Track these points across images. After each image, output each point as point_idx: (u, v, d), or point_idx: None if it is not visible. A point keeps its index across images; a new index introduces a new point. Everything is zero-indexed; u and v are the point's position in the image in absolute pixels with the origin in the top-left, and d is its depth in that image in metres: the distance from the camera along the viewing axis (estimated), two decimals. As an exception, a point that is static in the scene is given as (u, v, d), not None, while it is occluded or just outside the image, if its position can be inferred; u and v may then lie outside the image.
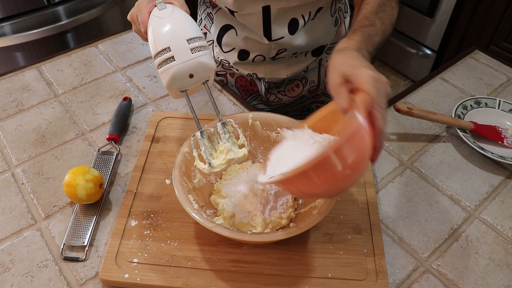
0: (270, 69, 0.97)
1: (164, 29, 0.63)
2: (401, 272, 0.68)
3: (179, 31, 0.62)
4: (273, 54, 0.93)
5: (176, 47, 0.61)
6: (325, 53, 1.01)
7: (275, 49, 0.92)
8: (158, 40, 0.62)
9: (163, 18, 0.64)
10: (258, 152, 0.80)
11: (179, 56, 0.61)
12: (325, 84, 1.06)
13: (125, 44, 1.12)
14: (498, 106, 0.94)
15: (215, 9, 0.92)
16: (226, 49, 0.96)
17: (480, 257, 0.70)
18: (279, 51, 0.93)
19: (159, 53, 0.62)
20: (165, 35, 0.62)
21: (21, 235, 0.71)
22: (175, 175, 0.67)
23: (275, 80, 1.00)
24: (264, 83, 1.01)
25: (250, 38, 0.90)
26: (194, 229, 0.70)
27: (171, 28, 0.63)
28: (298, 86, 1.03)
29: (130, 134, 0.89)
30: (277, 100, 1.05)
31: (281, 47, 0.91)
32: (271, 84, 1.01)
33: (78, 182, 0.70)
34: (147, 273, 0.64)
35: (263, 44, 0.91)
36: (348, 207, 0.74)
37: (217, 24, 0.94)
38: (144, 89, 0.99)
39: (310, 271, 0.66)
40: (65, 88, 0.99)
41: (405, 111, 0.88)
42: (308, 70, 1.01)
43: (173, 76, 0.62)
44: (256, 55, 0.94)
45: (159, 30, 0.63)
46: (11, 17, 1.56)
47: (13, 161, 0.83)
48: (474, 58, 1.12)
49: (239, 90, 1.06)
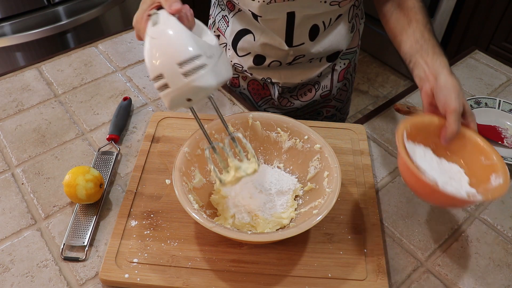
0: (285, 74, 0.97)
1: (156, 54, 0.58)
2: (401, 272, 0.68)
3: (170, 54, 0.57)
4: (290, 60, 0.93)
5: (168, 74, 0.57)
6: (340, 58, 1.00)
7: (292, 55, 0.91)
8: (151, 66, 0.58)
9: (155, 39, 0.58)
10: (258, 152, 0.80)
11: (172, 82, 0.57)
12: (337, 89, 1.06)
13: (125, 44, 1.12)
14: (498, 106, 0.94)
15: (232, 13, 0.91)
16: (242, 54, 0.95)
17: (480, 257, 0.70)
18: (297, 57, 0.92)
19: (154, 79, 0.58)
20: (157, 61, 0.58)
21: (21, 235, 0.71)
22: (175, 175, 0.67)
23: (289, 85, 0.99)
24: (278, 87, 1.00)
25: (269, 44, 0.89)
26: (194, 229, 0.70)
27: (162, 52, 0.58)
28: (310, 91, 1.02)
29: (130, 134, 0.89)
30: (289, 105, 1.04)
31: (299, 53, 0.91)
32: (284, 88, 1.01)
33: (78, 182, 0.70)
34: (147, 273, 0.64)
35: (281, 50, 0.90)
36: (348, 207, 0.74)
37: (234, 27, 0.92)
38: (144, 89, 0.99)
39: (310, 271, 0.66)
40: (65, 88, 0.99)
41: (405, 111, 0.88)
42: (322, 75, 1.00)
43: (171, 102, 0.59)
44: (272, 60, 0.93)
45: (151, 54, 0.58)
46: (11, 17, 1.56)
47: (13, 161, 0.83)
48: (474, 58, 1.12)
49: (251, 93, 1.05)
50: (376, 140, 0.89)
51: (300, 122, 0.76)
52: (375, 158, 0.85)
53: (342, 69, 1.02)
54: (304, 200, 0.73)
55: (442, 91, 0.68)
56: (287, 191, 0.72)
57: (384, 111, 0.96)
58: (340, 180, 0.66)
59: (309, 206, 0.69)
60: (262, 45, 0.91)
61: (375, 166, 0.84)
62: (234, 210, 0.69)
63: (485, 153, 0.67)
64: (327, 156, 0.71)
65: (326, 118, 1.12)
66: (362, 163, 0.81)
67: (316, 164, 0.73)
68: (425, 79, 0.72)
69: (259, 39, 0.90)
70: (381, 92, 2.51)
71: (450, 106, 0.66)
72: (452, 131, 0.66)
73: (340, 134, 0.87)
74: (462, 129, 0.68)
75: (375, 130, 0.91)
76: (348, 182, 0.78)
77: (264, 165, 0.78)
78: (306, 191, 0.73)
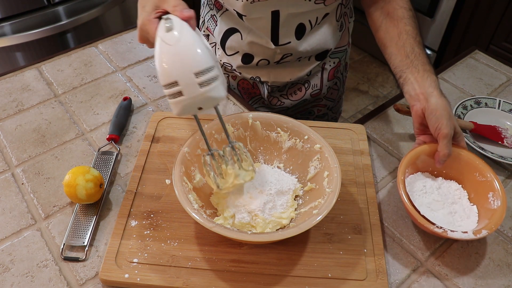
0: (274, 73, 0.97)
1: (171, 60, 0.58)
2: (401, 272, 0.68)
3: (187, 63, 0.57)
4: (277, 59, 0.93)
5: (184, 82, 0.57)
6: (329, 57, 1.01)
7: (280, 53, 0.92)
8: (165, 72, 0.58)
9: (170, 45, 0.58)
10: (258, 152, 0.80)
11: (187, 91, 0.58)
12: (327, 88, 1.06)
13: (125, 44, 1.12)
14: (498, 106, 0.94)
15: (220, 12, 0.92)
16: (230, 53, 0.96)
17: (480, 257, 0.70)
18: (284, 56, 0.92)
19: (167, 85, 0.58)
20: (173, 68, 0.58)
21: (21, 235, 0.71)
22: (175, 175, 0.67)
23: (278, 84, 1.00)
24: (267, 86, 1.01)
25: (256, 42, 0.90)
26: (194, 229, 0.70)
27: (179, 60, 0.57)
28: (300, 90, 1.03)
29: (130, 134, 0.89)
30: (280, 104, 1.05)
31: (286, 52, 0.91)
32: (274, 87, 1.01)
33: (78, 182, 0.70)
34: (147, 273, 0.64)
35: (268, 49, 0.90)
36: (348, 207, 0.74)
37: (221, 27, 0.93)
38: (144, 89, 0.99)
39: (310, 271, 0.66)
40: (65, 88, 0.99)
41: (405, 111, 0.88)
42: (311, 74, 1.01)
43: (182, 109, 0.60)
44: (260, 59, 0.94)
45: (166, 60, 0.58)
46: (11, 17, 1.56)
47: (13, 161, 0.83)
48: (474, 58, 1.12)
49: (241, 93, 1.05)
50: (376, 140, 0.89)
51: (300, 122, 0.76)
52: (375, 158, 0.85)
53: (332, 68, 1.02)
54: (304, 200, 0.73)
55: (433, 115, 0.71)
56: (287, 191, 0.72)
57: (384, 111, 0.96)
58: (340, 180, 0.66)
59: (309, 206, 0.69)
60: (249, 44, 0.91)
61: (375, 166, 0.84)
62: (234, 210, 0.69)
63: (479, 170, 0.74)
64: (327, 156, 0.71)
65: (318, 117, 1.12)
66: (362, 163, 0.81)
67: (316, 164, 0.73)
68: (416, 98, 0.74)
69: (246, 38, 0.90)
70: (381, 92, 2.51)
71: (443, 131, 0.70)
72: (444, 155, 0.71)
73: (340, 134, 0.87)
74: (455, 149, 0.74)
75: (375, 130, 0.91)
76: (348, 182, 0.78)
77: (264, 165, 0.78)
78: (306, 191, 0.73)
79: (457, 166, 0.76)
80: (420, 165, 0.77)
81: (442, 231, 0.66)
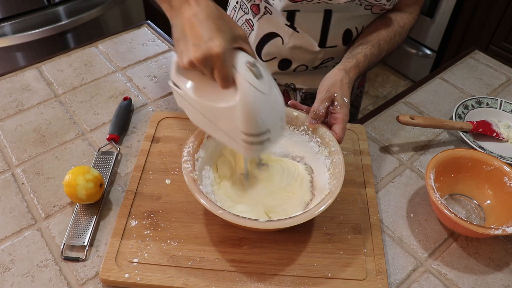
0: (309, 79, 0.96)
1: (267, 109, 0.57)
2: (401, 272, 0.68)
3: (278, 111, 0.60)
4: (317, 64, 0.91)
5: (274, 129, 0.61)
6: None
7: (321, 58, 0.90)
8: (259, 121, 0.57)
9: (264, 94, 0.56)
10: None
11: (274, 136, 0.62)
12: (354, 96, 1.06)
13: (125, 44, 1.12)
14: (499, 106, 0.94)
15: (258, 16, 0.89)
16: (266, 58, 0.93)
17: (480, 257, 0.70)
18: (324, 61, 0.91)
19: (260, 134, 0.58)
20: (269, 117, 0.58)
21: (21, 235, 0.71)
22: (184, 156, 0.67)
23: (312, 91, 0.98)
24: (301, 93, 0.99)
25: (299, 46, 0.88)
26: (194, 229, 0.70)
27: (273, 110, 0.59)
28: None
29: (130, 134, 0.89)
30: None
31: (328, 56, 0.90)
32: (307, 94, 0.99)
33: (78, 182, 0.70)
34: (147, 273, 0.64)
35: (310, 53, 0.89)
36: (348, 207, 0.74)
37: (259, 32, 0.90)
38: (144, 89, 0.99)
39: (310, 271, 0.66)
40: (65, 88, 0.99)
41: (410, 123, 0.84)
42: None
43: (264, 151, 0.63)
44: (299, 64, 0.92)
45: (261, 109, 0.56)
46: (11, 17, 1.56)
47: (13, 161, 0.83)
48: (474, 58, 1.12)
49: None
50: (376, 140, 0.89)
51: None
52: (375, 158, 0.85)
53: (363, 76, 1.02)
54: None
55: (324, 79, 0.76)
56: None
57: (384, 111, 0.96)
58: (343, 164, 0.68)
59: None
60: (291, 48, 0.89)
61: (375, 166, 0.84)
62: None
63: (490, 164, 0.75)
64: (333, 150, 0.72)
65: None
66: (362, 163, 0.81)
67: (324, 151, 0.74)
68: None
69: (288, 42, 0.88)
70: (381, 92, 2.51)
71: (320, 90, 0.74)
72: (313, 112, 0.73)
73: (340, 134, 0.87)
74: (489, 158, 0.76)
75: (375, 130, 0.91)
76: (348, 182, 0.78)
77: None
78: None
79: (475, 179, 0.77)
80: (451, 169, 0.77)
81: (502, 231, 0.65)
